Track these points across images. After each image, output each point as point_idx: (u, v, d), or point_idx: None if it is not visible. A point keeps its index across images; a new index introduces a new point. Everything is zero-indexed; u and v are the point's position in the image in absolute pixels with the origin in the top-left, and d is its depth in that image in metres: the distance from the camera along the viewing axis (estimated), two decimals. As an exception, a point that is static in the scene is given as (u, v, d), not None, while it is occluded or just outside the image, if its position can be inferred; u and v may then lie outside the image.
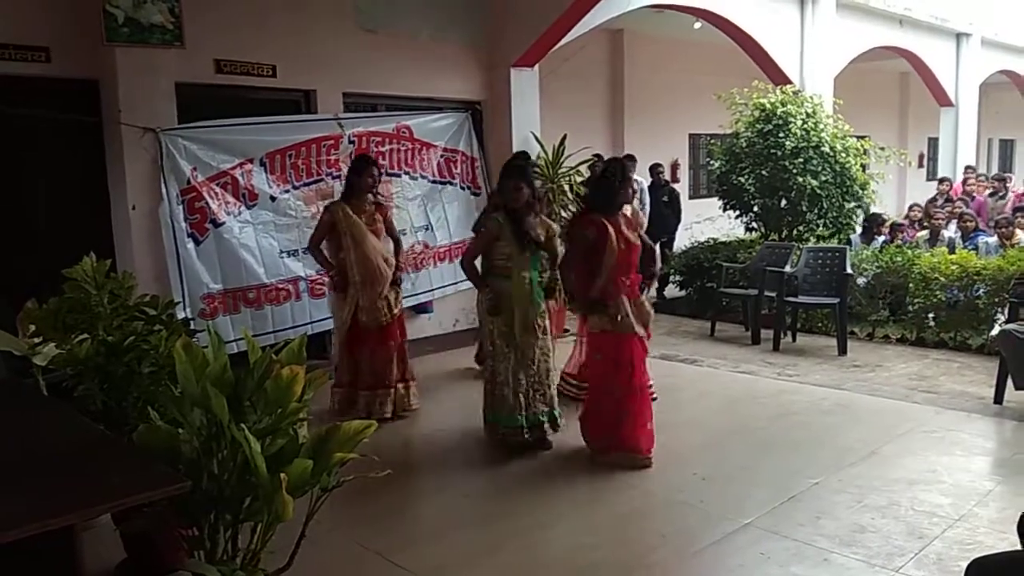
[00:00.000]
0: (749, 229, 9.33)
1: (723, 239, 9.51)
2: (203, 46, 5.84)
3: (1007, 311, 6.45)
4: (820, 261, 7.68)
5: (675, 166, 11.87)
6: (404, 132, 7.21)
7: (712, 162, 9.50)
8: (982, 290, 7.04)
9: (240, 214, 6.09)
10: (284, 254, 6.33)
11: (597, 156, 8.15)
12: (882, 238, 8.89)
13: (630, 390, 4.46)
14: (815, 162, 8.42)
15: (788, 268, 7.71)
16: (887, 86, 16.34)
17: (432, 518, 4.06)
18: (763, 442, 4.87)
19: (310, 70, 6.56)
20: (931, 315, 7.39)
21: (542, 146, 7.83)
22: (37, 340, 3.39)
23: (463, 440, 4.99)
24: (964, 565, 2.23)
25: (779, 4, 10.19)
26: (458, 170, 7.69)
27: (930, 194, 12.15)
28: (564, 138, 7.34)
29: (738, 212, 9.13)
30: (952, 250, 7.89)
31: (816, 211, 8.55)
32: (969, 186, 11.41)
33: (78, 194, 5.68)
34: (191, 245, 5.80)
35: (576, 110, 9.88)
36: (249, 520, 2.73)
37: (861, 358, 6.97)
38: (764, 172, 8.55)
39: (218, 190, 5.96)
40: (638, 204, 6.10)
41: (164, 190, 5.66)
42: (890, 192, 14.42)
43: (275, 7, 6.33)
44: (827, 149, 8.50)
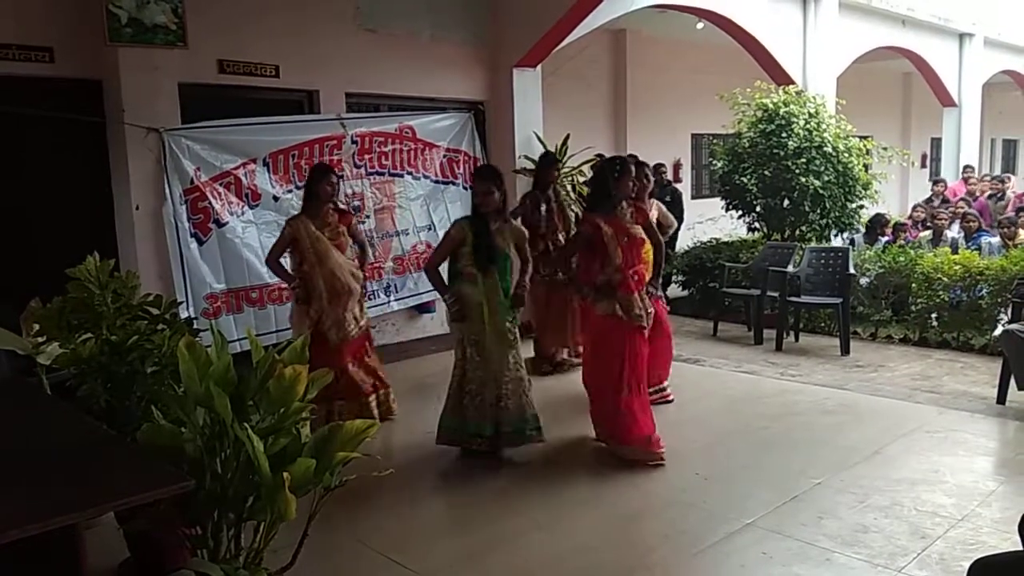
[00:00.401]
0: (751, 229, 9.32)
1: (725, 239, 9.51)
2: (206, 46, 5.85)
3: (1010, 311, 6.44)
4: (823, 261, 7.68)
5: (677, 166, 11.86)
6: (407, 132, 7.22)
7: (715, 162, 9.50)
8: (985, 290, 7.03)
9: (243, 214, 6.11)
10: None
11: (599, 156, 8.15)
12: (885, 238, 8.89)
13: (622, 383, 4.44)
14: (818, 162, 8.41)
15: (791, 268, 7.70)
16: (890, 86, 16.31)
17: (433, 517, 4.07)
18: (765, 442, 4.87)
19: (313, 70, 6.58)
20: (934, 315, 7.38)
21: (545, 146, 7.83)
22: (41, 339, 3.41)
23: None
24: (967, 565, 2.23)
25: (781, 4, 10.18)
26: (460, 170, 7.69)
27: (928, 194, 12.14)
28: (567, 138, 7.34)
29: (740, 212, 9.12)
30: (955, 250, 7.88)
31: (819, 211, 8.54)
32: (972, 185, 11.39)
33: (81, 194, 5.70)
34: (194, 245, 5.83)
35: (578, 110, 9.87)
36: (252, 519, 2.74)
37: (864, 358, 6.97)
38: (766, 172, 8.54)
39: (221, 190, 5.98)
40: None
41: (167, 190, 5.69)
42: (893, 192, 14.42)
43: (277, 7, 6.35)
44: (830, 149, 8.49)
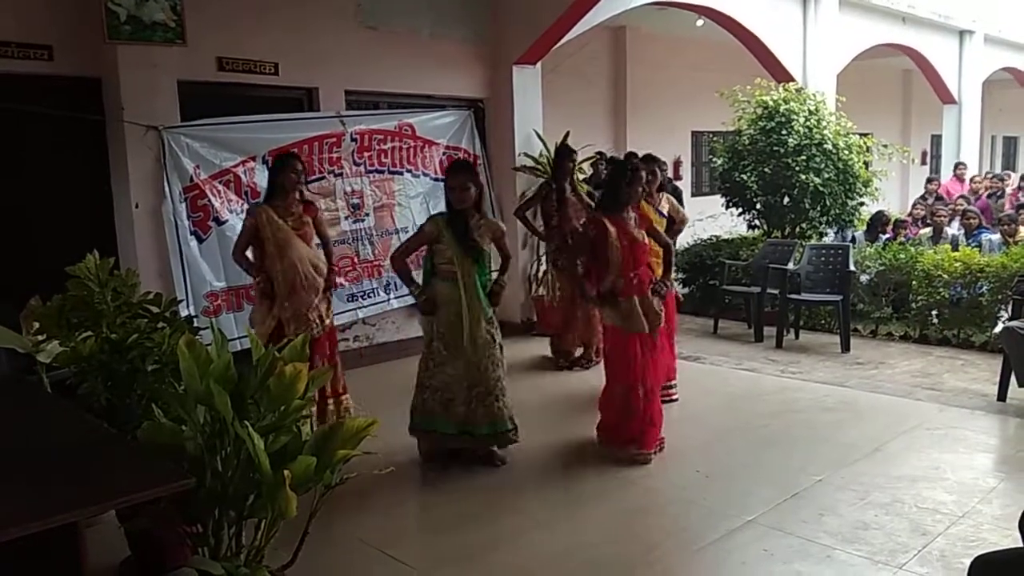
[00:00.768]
0: (752, 226, 9.32)
1: (726, 236, 9.51)
2: (205, 44, 5.83)
3: (1010, 308, 6.44)
4: (823, 258, 7.68)
5: (677, 163, 11.83)
6: (406, 130, 7.20)
7: (715, 159, 9.49)
8: (985, 287, 7.04)
9: (243, 212, 6.08)
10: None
11: (600, 154, 8.14)
12: (886, 236, 8.89)
13: (634, 387, 4.47)
14: (818, 159, 8.40)
15: (791, 265, 7.70)
16: (890, 83, 16.29)
17: (434, 515, 4.06)
18: (766, 439, 4.87)
19: (312, 68, 6.56)
20: (934, 312, 7.38)
21: (544, 144, 7.82)
22: (41, 338, 3.41)
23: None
24: (967, 562, 2.23)
25: (781, 1, 10.16)
26: (460, 168, 7.67)
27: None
28: (567, 136, 7.32)
29: (741, 210, 9.11)
30: (956, 247, 7.88)
31: (819, 208, 8.53)
32: (976, 184, 11.36)
33: (81, 192, 5.69)
34: (194, 243, 5.81)
35: (578, 108, 9.85)
36: (253, 517, 2.75)
37: (864, 355, 6.97)
38: (767, 169, 8.54)
39: (221, 188, 5.97)
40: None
41: (167, 188, 5.67)
42: (893, 189, 14.40)
43: (277, 4, 6.33)
44: (830, 146, 8.48)
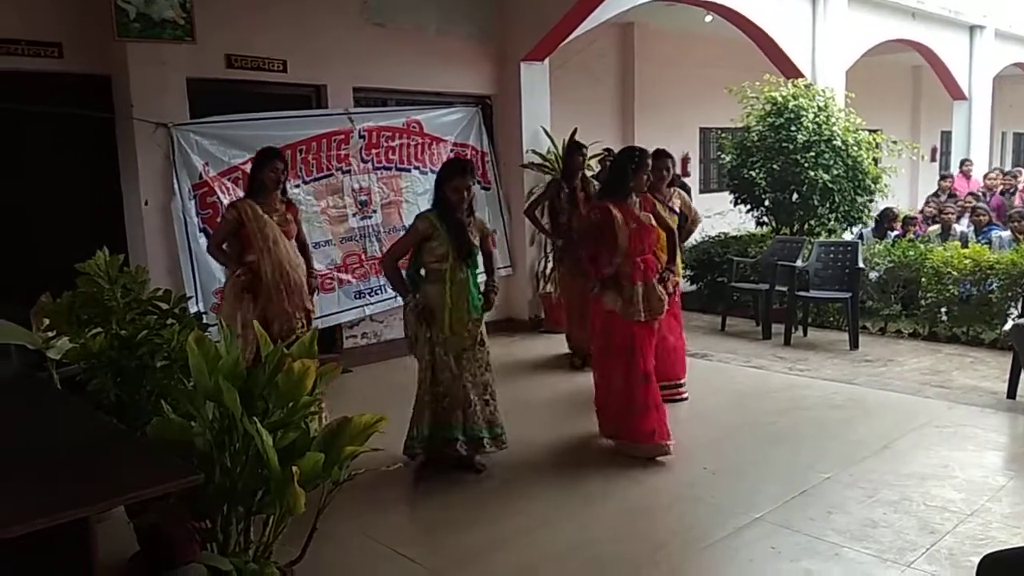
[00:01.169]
0: (760, 223, 9.30)
1: (734, 233, 9.47)
2: (214, 41, 5.85)
3: (1020, 305, 6.42)
4: (832, 255, 7.65)
5: (686, 160, 11.80)
6: (414, 127, 7.21)
7: (723, 156, 9.46)
8: (995, 284, 7.00)
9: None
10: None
11: (608, 151, 8.13)
12: (895, 233, 8.85)
13: (631, 378, 4.45)
14: (827, 156, 8.37)
15: (799, 262, 7.68)
16: (899, 79, 16.20)
17: (441, 512, 4.06)
18: (774, 436, 4.86)
19: (320, 65, 6.57)
20: (943, 310, 7.35)
21: (552, 140, 7.81)
22: (51, 334, 3.42)
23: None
24: (976, 560, 2.22)
25: (790, -3, 10.13)
26: (468, 165, 7.67)
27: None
28: (574, 132, 7.32)
29: (749, 206, 9.09)
30: (965, 244, 7.84)
31: (828, 205, 8.50)
32: (990, 180, 11.28)
33: (91, 189, 5.72)
34: (203, 240, 5.82)
35: (586, 104, 9.83)
36: (261, 513, 2.76)
37: (873, 353, 6.94)
38: (775, 166, 8.51)
39: (229, 185, 5.98)
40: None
41: (176, 185, 5.69)
42: (903, 186, 14.32)
43: (285, 2, 6.33)
44: (839, 143, 8.45)
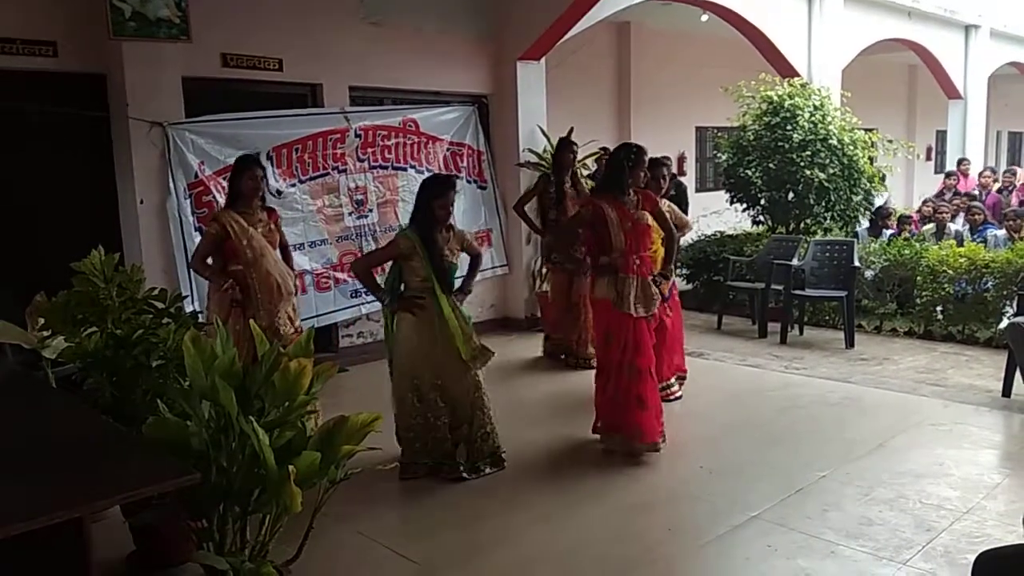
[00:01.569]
0: (756, 222, 9.31)
1: (730, 232, 9.49)
2: (209, 40, 5.84)
3: (1015, 304, 6.43)
4: (828, 254, 7.66)
5: (682, 159, 11.82)
6: (410, 126, 7.21)
7: (719, 155, 9.47)
8: (990, 283, 7.01)
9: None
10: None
11: (604, 150, 8.13)
12: (890, 231, 8.87)
13: (625, 371, 4.43)
14: (823, 155, 8.39)
15: (795, 261, 7.69)
16: (895, 78, 16.24)
17: (438, 511, 4.06)
18: (770, 435, 4.87)
19: (316, 64, 6.56)
20: (939, 308, 7.36)
21: (548, 139, 7.81)
22: (46, 333, 3.42)
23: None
24: (972, 558, 2.23)
25: (786, -4, 10.14)
26: (464, 164, 7.68)
27: (938, 187, 12.07)
28: (571, 131, 7.32)
29: (745, 205, 9.11)
30: (960, 243, 7.86)
31: (824, 204, 8.52)
32: (985, 179, 11.31)
33: (86, 188, 5.70)
34: (199, 239, 5.81)
35: (582, 103, 9.84)
36: (257, 512, 2.76)
37: (868, 351, 6.96)
38: (771, 165, 8.52)
39: (225, 184, 5.96)
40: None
41: (172, 184, 5.69)
42: (898, 185, 14.37)
43: (281, 1, 6.33)
44: (835, 142, 8.47)
